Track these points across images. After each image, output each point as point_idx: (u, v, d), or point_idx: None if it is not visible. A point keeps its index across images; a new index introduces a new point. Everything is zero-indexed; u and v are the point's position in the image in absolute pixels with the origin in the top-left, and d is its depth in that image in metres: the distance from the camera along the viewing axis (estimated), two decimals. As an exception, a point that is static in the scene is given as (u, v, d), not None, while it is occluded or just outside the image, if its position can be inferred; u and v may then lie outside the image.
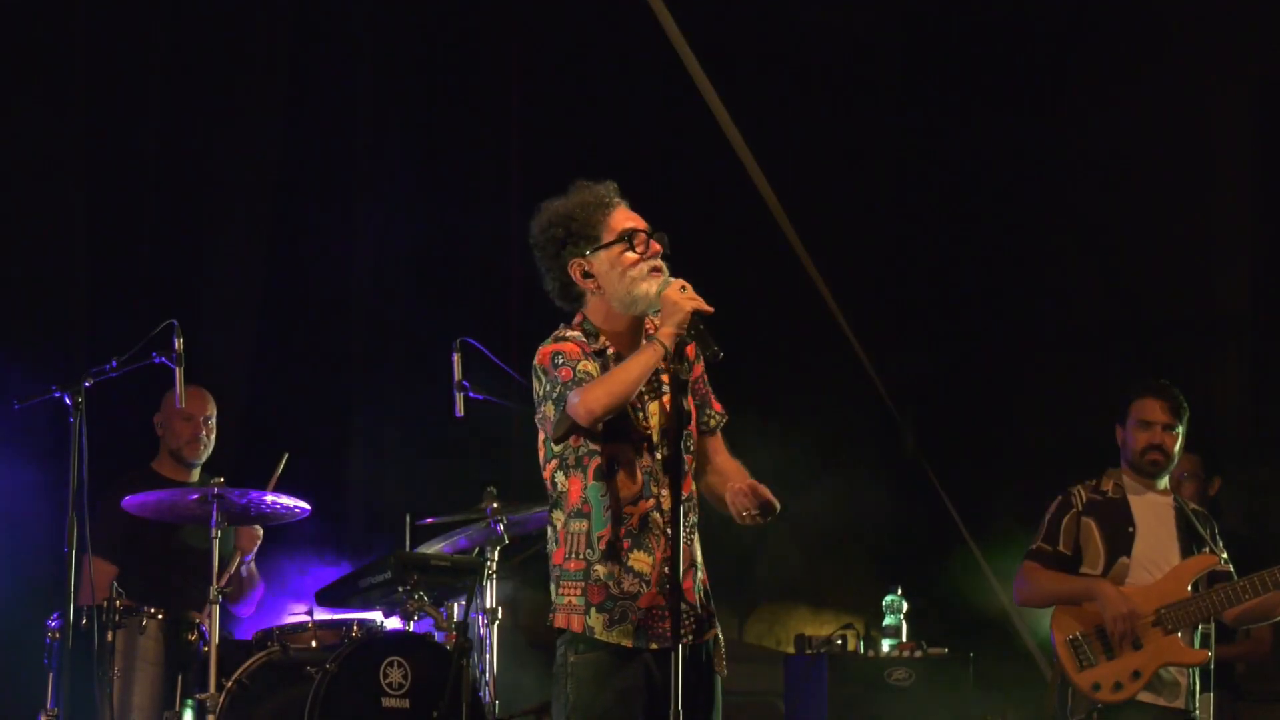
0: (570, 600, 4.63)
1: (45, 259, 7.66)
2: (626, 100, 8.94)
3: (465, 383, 6.83)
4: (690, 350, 4.65)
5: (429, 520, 7.02)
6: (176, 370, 6.16)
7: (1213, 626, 6.32)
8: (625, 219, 4.71)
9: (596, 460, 4.63)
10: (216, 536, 6.25)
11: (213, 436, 7.13)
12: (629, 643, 4.59)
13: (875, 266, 9.45)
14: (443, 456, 7.82)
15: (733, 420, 4.92)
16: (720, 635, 4.76)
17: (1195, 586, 6.26)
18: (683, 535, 4.58)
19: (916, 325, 9.49)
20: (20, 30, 7.60)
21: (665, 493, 4.63)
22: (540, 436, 4.72)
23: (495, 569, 6.56)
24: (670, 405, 4.63)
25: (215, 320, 7.99)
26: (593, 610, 4.60)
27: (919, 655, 7.32)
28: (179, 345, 6.15)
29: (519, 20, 9.09)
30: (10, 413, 6.41)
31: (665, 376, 4.67)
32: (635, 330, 4.73)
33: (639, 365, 4.55)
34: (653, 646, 4.60)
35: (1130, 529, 6.34)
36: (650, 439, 4.66)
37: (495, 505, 6.65)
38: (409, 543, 7.04)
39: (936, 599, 8.93)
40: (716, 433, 4.86)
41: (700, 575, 4.73)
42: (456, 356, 6.84)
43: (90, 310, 7.67)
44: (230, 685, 6.09)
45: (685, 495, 4.62)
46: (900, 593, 7.61)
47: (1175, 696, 6.21)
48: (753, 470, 4.77)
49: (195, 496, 6.36)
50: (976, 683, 7.50)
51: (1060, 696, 6.35)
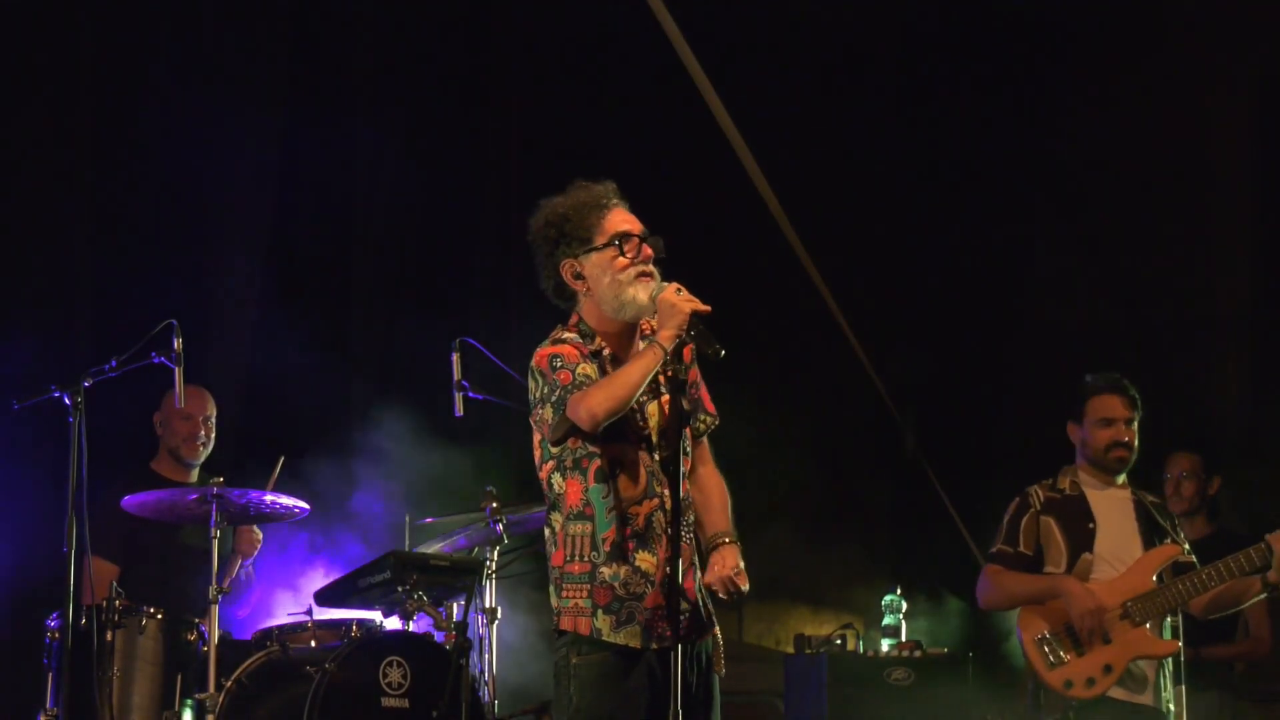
0: (576, 603, 4.62)
1: (47, 259, 7.67)
2: (626, 99, 8.94)
3: (465, 383, 6.83)
4: (687, 352, 4.65)
5: (429, 520, 7.02)
6: (176, 370, 6.17)
7: (1180, 618, 6.28)
8: (619, 222, 4.71)
9: (597, 462, 4.62)
10: (216, 536, 6.25)
11: (212, 436, 7.14)
12: (637, 644, 4.59)
13: (875, 266, 9.44)
14: (443, 456, 7.81)
15: (733, 421, 4.92)
16: (719, 635, 4.76)
17: (1160, 577, 6.22)
18: (683, 535, 4.59)
19: (916, 325, 9.48)
20: (24, 31, 7.61)
21: (668, 493, 4.63)
22: (536, 438, 4.72)
23: (495, 569, 6.57)
24: (669, 406, 4.63)
25: (216, 321, 7.99)
26: (600, 612, 4.60)
27: (919, 655, 7.33)
28: (178, 345, 6.15)
29: (519, 20, 9.09)
30: (10, 412, 6.41)
31: (663, 377, 4.67)
32: (630, 331, 4.73)
33: (640, 369, 4.55)
34: (654, 646, 4.60)
35: (1090, 525, 6.31)
36: (650, 439, 4.67)
37: (495, 505, 6.65)
38: (409, 543, 7.04)
39: (936, 599, 8.93)
40: (703, 439, 4.85)
41: (699, 575, 4.73)
42: (456, 356, 6.84)
43: (91, 310, 7.68)
44: (230, 685, 6.09)
45: (682, 495, 4.62)
46: (900, 593, 7.60)
47: (1143, 690, 6.18)
48: (753, 470, 4.78)
49: (195, 496, 6.36)
50: (976, 683, 7.50)
51: (1033, 697, 6.34)
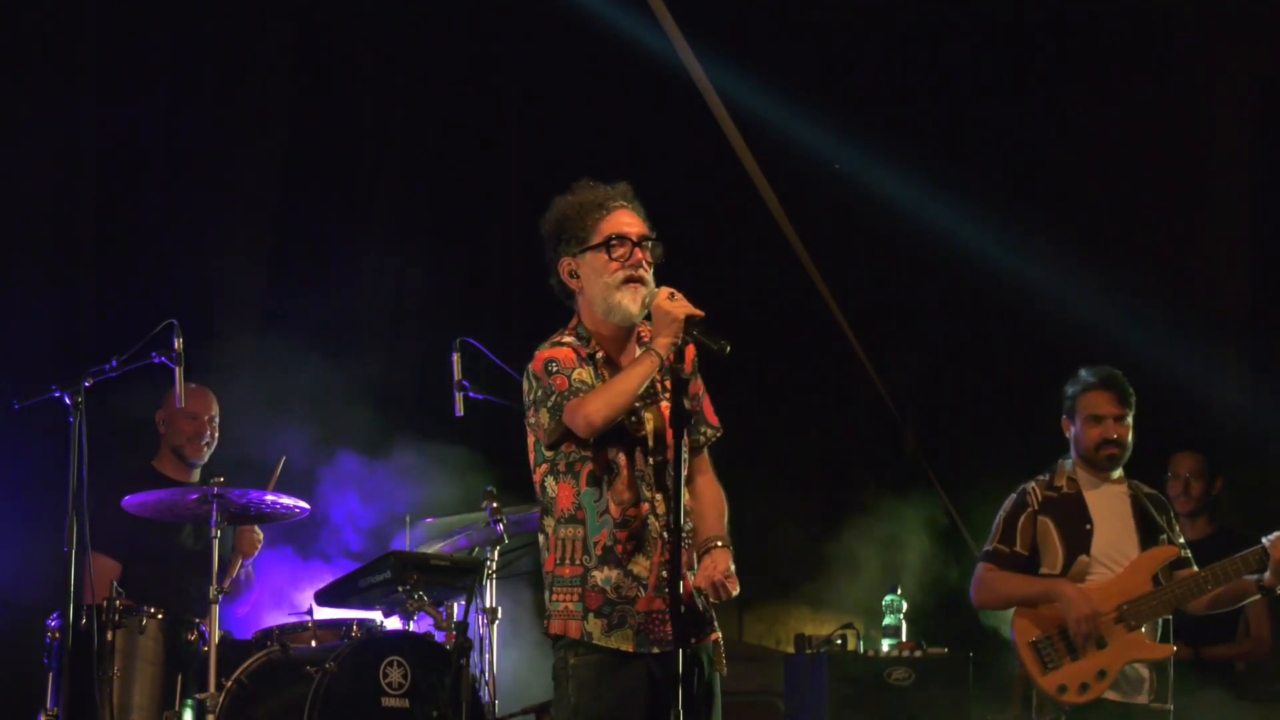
0: (567, 606, 4.63)
1: (49, 258, 7.68)
2: (626, 99, 8.93)
3: (465, 382, 6.83)
4: (689, 353, 4.65)
5: (429, 520, 7.02)
6: (176, 370, 6.17)
7: (1170, 617, 6.23)
8: (617, 224, 4.70)
9: (589, 466, 4.63)
10: (216, 536, 6.25)
11: (216, 436, 7.14)
12: (629, 647, 4.58)
13: (875, 266, 9.44)
14: (442, 456, 7.81)
15: (733, 421, 4.91)
16: (720, 638, 4.76)
17: (1157, 579, 6.19)
18: (683, 539, 4.58)
19: (916, 325, 9.48)
20: (28, 33, 7.61)
21: (658, 496, 4.63)
22: (530, 440, 4.73)
23: (495, 569, 6.57)
24: (670, 407, 4.62)
25: (216, 322, 8.00)
26: (590, 616, 4.60)
27: (919, 655, 7.32)
28: (178, 345, 6.15)
29: (520, 19, 9.09)
30: (10, 412, 6.41)
31: (668, 382, 4.66)
32: (625, 335, 4.73)
33: (637, 376, 4.55)
34: (654, 650, 4.60)
35: (1088, 526, 6.26)
36: (645, 443, 4.66)
37: (495, 505, 6.66)
38: (409, 543, 7.04)
39: (936, 599, 8.92)
40: (704, 450, 4.84)
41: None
42: (456, 356, 6.84)
43: (93, 310, 7.68)
44: (230, 685, 6.09)
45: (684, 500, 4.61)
46: (900, 593, 7.60)
47: (1139, 692, 6.15)
48: (753, 470, 4.77)
49: (195, 496, 6.36)
50: (976, 683, 7.49)
51: (1024, 700, 6.31)
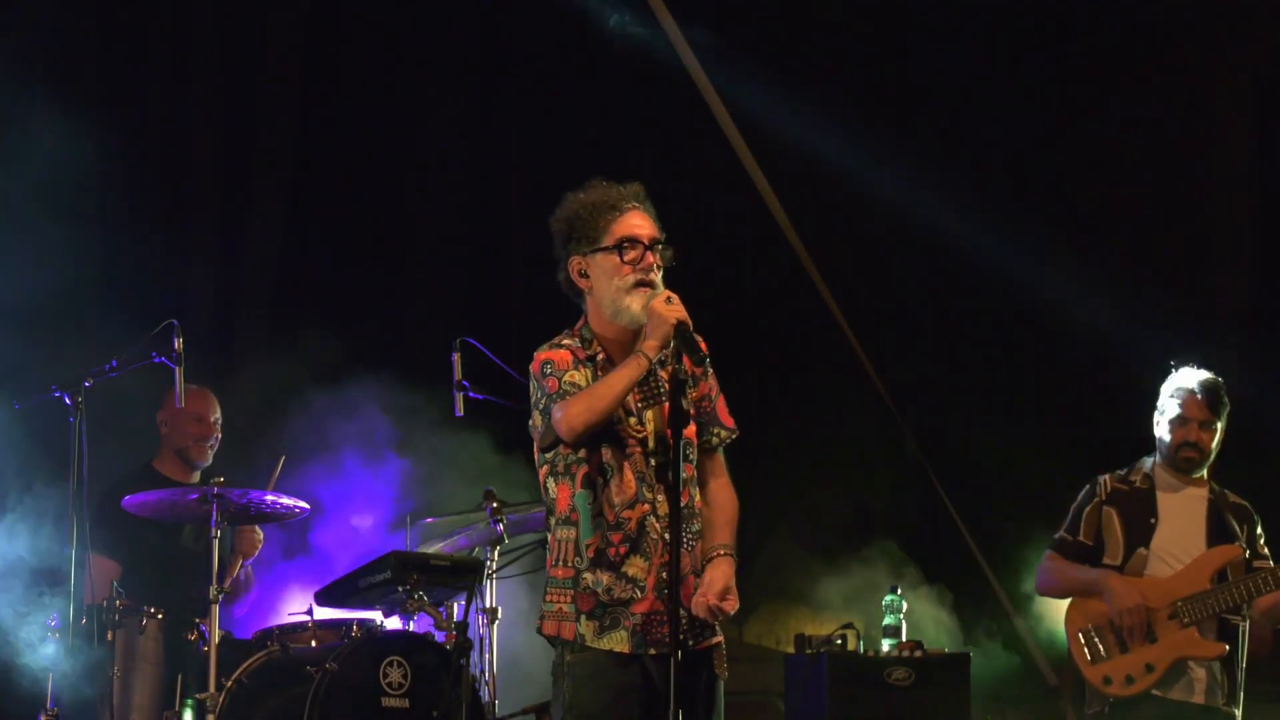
0: (560, 607, 4.63)
1: (50, 258, 7.68)
2: (626, 98, 8.93)
3: (465, 382, 6.83)
4: (687, 360, 4.65)
5: (429, 520, 7.02)
6: (176, 370, 6.16)
7: (1246, 622, 6.17)
8: (629, 226, 4.69)
9: (584, 468, 4.63)
10: (216, 536, 6.24)
11: (219, 438, 7.13)
12: (625, 649, 4.58)
13: (875, 266, 9.44)
14: (443, 456, 7.81)
15: (734, 421, 4.90)
16: (722, 642, 4.75)
17: (1219, 578, 6.17)
18: (684, 542, 4.57)
19: (916, 325, 9.48)
20: (29, 34, 7.62)
21: (660, 498, 4.62)
22: (535, 444, 4.72)
23: (495, 569, 6.57)
24: (669, 408, 4.62)
25: (217, 322, 8.00)
26: (582, 618, 4.60)
27: (919, 655, 7.31)
28: (179, 345, 6.15)
29: (520, 18, 9.09)
30: (10, 412, 6.41)
31: (668, 382, 4.66)
32: (631, 337, 4.70)
33: (621, 380, 4.54)
34: (652, 652, 4.59)
35: (1152, 520, 6.26)
36: (645, 444, 4.66)
37: (495, 505, 6.66)
38: (409, 543, 7.04)
39: (937, 598, 8.92)
40: (718, 452, 4.82)
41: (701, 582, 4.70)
42: (456, 356, 6.84)
43: (94, 310, 7.69)
44: (230, 685, 6.09)
45: (684, 503, 4.60)
46: (900, 593, 7.60)
47: (1191, 692, 6.14)
48: (753, 471, 4.77)
49: (195, 496, 6.35)
50: (976, 683, 7.49)
51: (1076, 690, 6.31)
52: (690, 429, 4.70)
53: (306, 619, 6.39)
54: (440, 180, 8.82)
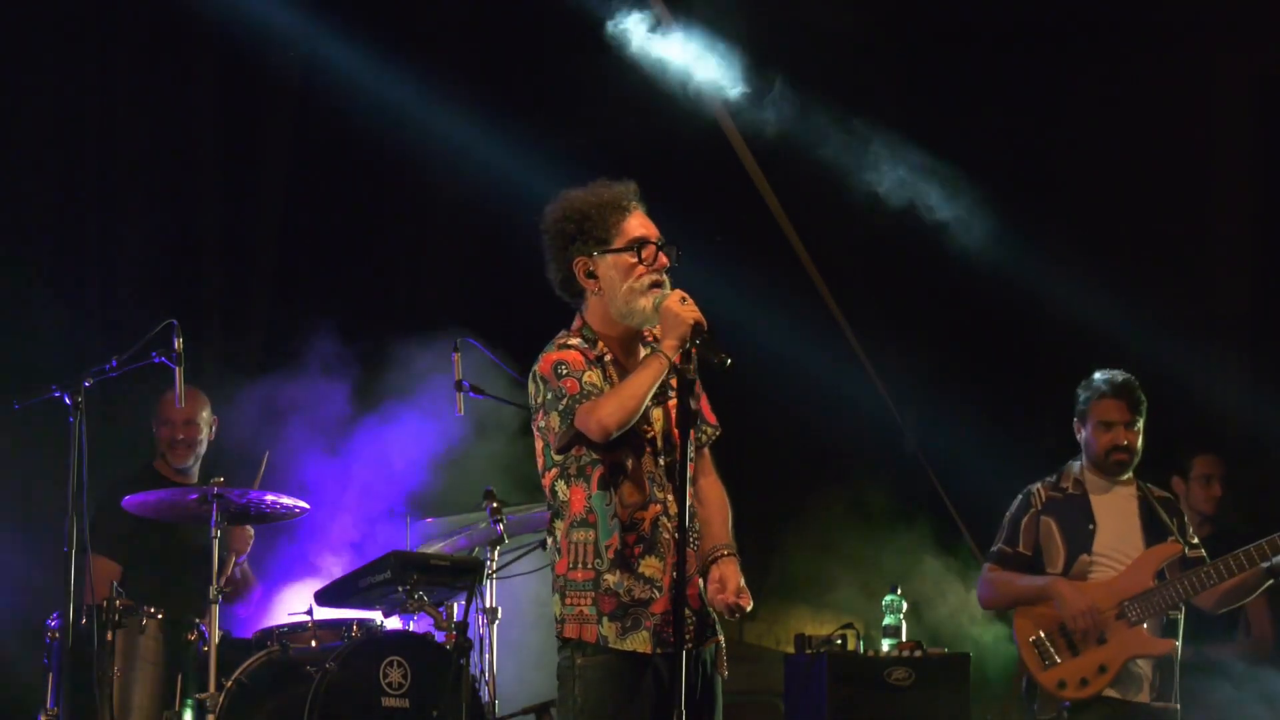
0: (581, 610, 4.61)
1: (50, 258, 7.69)
2: (625, 97, 8.92)
3: (465, 382, 6.83)
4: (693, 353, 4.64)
5: (429, 520, 7.02)
6: (176, 370, 6.16)
7: (1182, 614, 6.27)
8: (638, 227, 4.68)
9: (600, 469, 4.61)
10: (216, 536, 6.24)
11: (201, 437, 7.11)
12: (647, 649, 4.57)
13: (875, 266, 9.44)
14: (442, 456, 7.81)
15: (733, 421, 4.90)
16: (722, 639, 4.75)
17: (1160, 576, 6.22)
18: (690, 540, 4.57)
19: (916, 325, 9.48)
20: (31, 34, 7.63)
21: (670, 497, 4.61)
22: (538, 444, 4.69)
23: (495, 569, 6.57)
24: (676, 408, 4.60)
25: (216, 321, 8.00)
26: (605, 620, 4.58)
27: (919, 655, 7.31)
28: (179, 345, 6.15)
29: (519, 18, 9.09)
30: (11, 412, 6.41)
31: (672, 380, 4.65)
32: (632, 336, 4.71)
33: (648, 379, 4.53)
34: (659, 651, 4.59)
35: (1090, 526, 6.32)
36: (654, 443, 4.65)
37: (495, 505, 6.66)
38: (409, 543, 7.04)
39: (936, 598, 8.92)
40: (705, 449, 4.82)
41: (703, 581, 4.70)
42: (456, 356, 6.84)
43: (94, 309, 7.69)
44: (230, 685, 6.09)
45: (689, 500, 4.60)
46: (900, 593, 7.60)
47: (1139, 690, 6.19)
48: (754, 471, 4.76)
49: (195, 496, 6.36)
50: (976, 683, 7.49)
51: (1027, 697, 6.35)
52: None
53: (306, 619, 6.39)
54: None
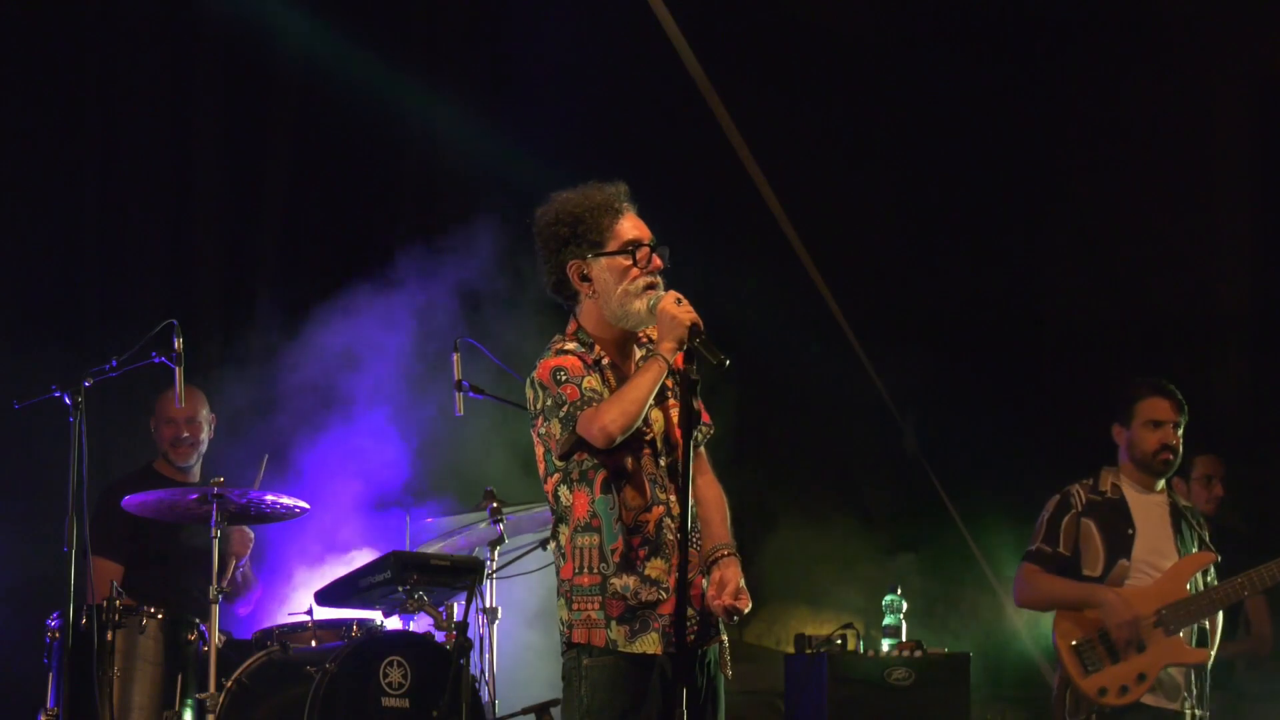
0: (589, 615, 4.60)
1: (51, 258, 7.70)
2: (625, 96, 8.92)
3: (465, 382, 6.83)
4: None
5: (429, 520, 7.02)
6: (176, 370, 6.16)
7: (1220, 621, 6.33)
8: (631, 229, 4.68)
9: (603, 473, 4.60)
10: (216, 536, 6.24)
11: (203, 436, 7.12)
12: (657, 650, 4.56)
13: (875, 266, 9.44)
14: (443, 456, 7.82)
15: (733, 421, 4.90)
16: (725, 639, 4.75)
17: (1193, 585, 6.27)
18: (692, 541, 4.57)
19: (916, 325, 9.48)
20: (32, 36, 7.63)
21: (672, 498, 4.61)
22: (539, 450, 4.68)
23: (495, 569, 6.57)
24: (679, 407, 4.59)
25: (216, 320, 8.00)
26: (613, 624, 4.57)
27: (919, 655, 7.32)
28: (179, 345, 6.15)
29: (518, 18, 9.09)
30: (10, 412, 6.41)
31: (669, 380, 4.65)
32: (627, 339, 4.70)
33: (648, 382, 4.53)
34: (666, 651, 4.59)
35: (1130, 531, 6.34)
36: (655, 445, 4.65)
37: (495, 505, 6.66)
38: (409, 543, 7.04)
39: (937, 599, 8.92)
40: (701, 449, 4.81)
41: (706, 582, 4.69)
42: (456, 356, 6.85)
43: (94, 309, 7.69)
44: (230, 685, 6.09)
45: (690, 501, 4.60)
46: (900, 593, 7.60)
47: (1174, 698, 6.22)
48: (754, 471, 4.76)
49: (195, 496, 6.35)
50: (976, 683, 7.50)
51: (1060, 699, 6.35)
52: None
53: (306, 619, 6.39)
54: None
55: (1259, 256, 9.63)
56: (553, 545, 4.72)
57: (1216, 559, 6.33)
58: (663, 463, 4.64)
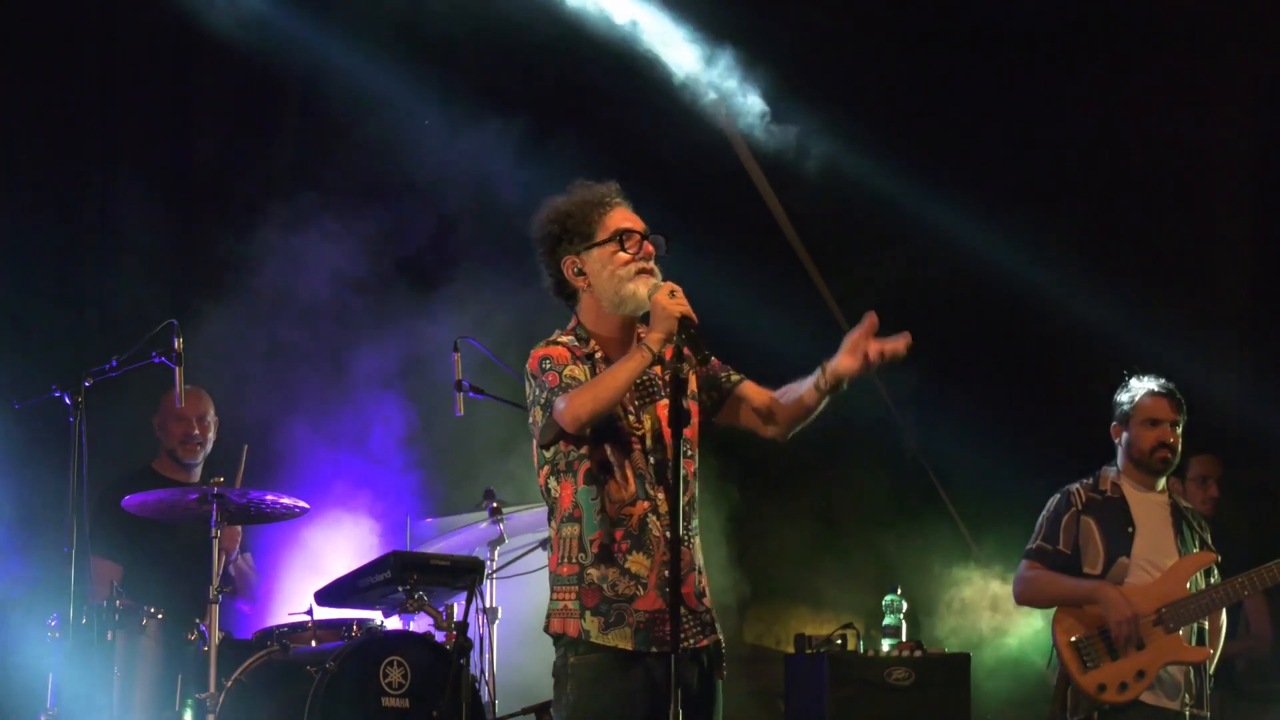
0: (565, 605, 4.63)
1: (51, 258, 7.69)
2: (625, 95, 8.92)
3: (465, 382, 6.83)
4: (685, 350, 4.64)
5: (429, 520, 7.02)
6: (176, 370, 6.16)
7: (1224, 622, 6.34)
8: (621, 219, 4.72)
9: (586, 464, 4.62)
10: (217, 536, 6.25)
11: (210, 436, 7.14)
12: (629, 646, 4.58)
13: (875, 266, 9.44)
14: (443, 456, 7.82)
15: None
16: (722, 640, 4.75)
17: (1193, 584, 6.28)
18: (685, 539, 4.57)
19: (916, 325, 9.47)
20: (34, 36, 7.63)
21: (661, 496, 4.62)
22: (535, 442, 4.72)
23: (495, 569, 6.57)
24: (670, 406, 4.62)
25: (216, 320, 8.00)
26: (587, 614, 4.59)
27: (919, 655, 7.32)
28: (179, 345, 6.15)
29: (519, 17, 9.08)
30: (11, 412, 6.41)
31: (661, 381, 4.66)
32: (626, 334, 4.71)
33: (626, 371, 4.54)
34: (653, 650, 4.59)
35: (1130, 529, 6.35)
36: (644, 441, 4.66)
37: (495, 505, 6.66)
38: (409, 543, 7.04)
39: (937, 598, 8.93)
40: (745, 380, 4.84)
41: (702, 580, 4.71)
42: (456, 356, 6.85)
43: (94, 310, 7.69)
44: (230, 685, 6.09)
45: (686, 499, 4.60)
46: (900, 593, 7.60)
47: (1174, 697, 6.23)
48: (754, 472, 4.76)
49: (195, 496, 6.36)
50: (976, 683, 7.50)
51: (1061, 696, 6.36)
52: (691, 429, 4.70)
53: (306, 619, 6.40)
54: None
55: (1259, 256, 9.63)
56: (548, 536, 4.75)
57: (1217, 559, 6.34)
58: (653, 460, 4.65)
